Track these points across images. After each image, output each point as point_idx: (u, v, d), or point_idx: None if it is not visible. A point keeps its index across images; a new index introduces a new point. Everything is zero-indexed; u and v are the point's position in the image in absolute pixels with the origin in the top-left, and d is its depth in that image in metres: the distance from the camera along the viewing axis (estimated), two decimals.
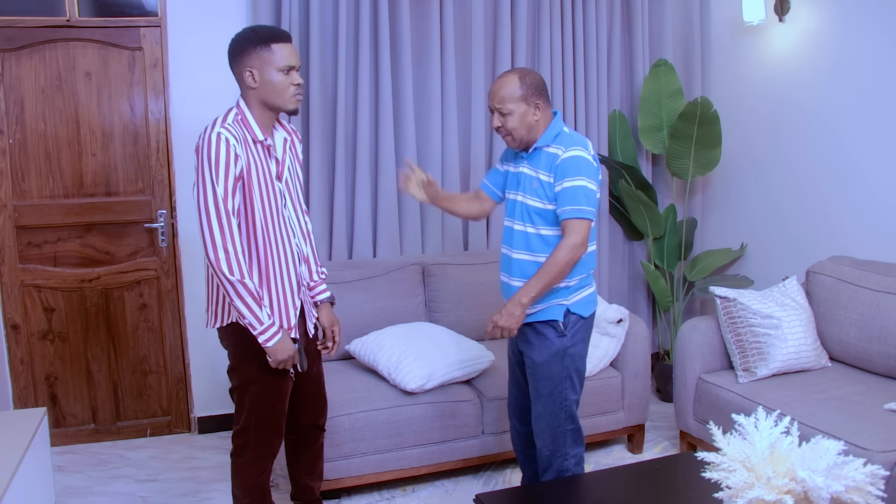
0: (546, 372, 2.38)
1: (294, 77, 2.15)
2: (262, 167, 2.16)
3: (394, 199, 3.60)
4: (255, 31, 2.17)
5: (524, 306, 2.27)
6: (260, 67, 2.12)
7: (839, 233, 3.41)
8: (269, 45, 2.11)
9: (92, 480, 3.16)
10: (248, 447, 2.31)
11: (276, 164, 2.23)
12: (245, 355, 2.23)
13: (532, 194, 2.34)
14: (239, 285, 2.08)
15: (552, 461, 2.44)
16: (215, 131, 2.07)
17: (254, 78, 2.13)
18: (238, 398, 2.31)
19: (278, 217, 2.20)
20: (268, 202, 2.17)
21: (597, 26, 3.89)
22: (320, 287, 2.47)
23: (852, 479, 1.55)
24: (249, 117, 2.16)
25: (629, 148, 4.00)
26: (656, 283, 3.93)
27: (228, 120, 2.12)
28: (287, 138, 2.30)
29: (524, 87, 2.30)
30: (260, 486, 2.36)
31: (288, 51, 2.14)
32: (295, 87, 2.16)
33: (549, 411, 2.40)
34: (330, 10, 3.47)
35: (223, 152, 2.05)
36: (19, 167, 3.30)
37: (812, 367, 3.02)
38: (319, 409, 2.54)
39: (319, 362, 2.52)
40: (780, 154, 3.70)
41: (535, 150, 2.36)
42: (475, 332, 3.40)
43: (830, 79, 3.40)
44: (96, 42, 3.31)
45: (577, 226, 2.24)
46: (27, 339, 3.40)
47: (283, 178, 2.24)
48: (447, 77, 3.65)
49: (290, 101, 2.17)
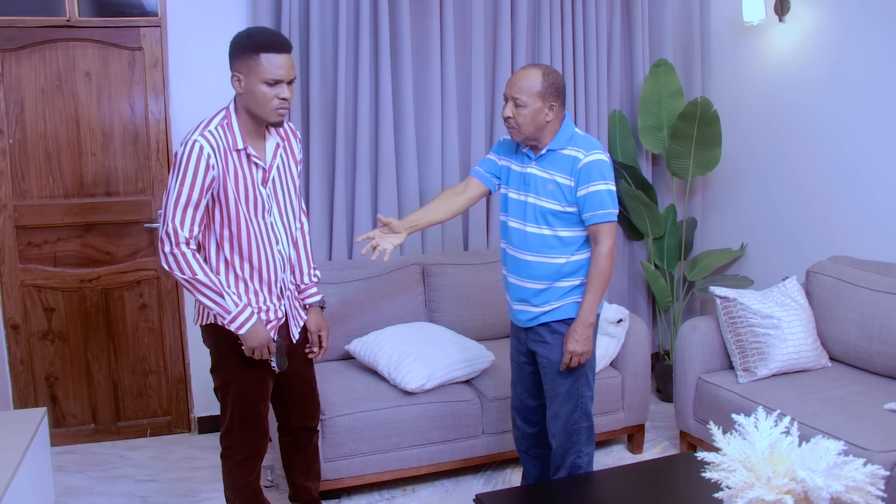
0: (563, 371, 2.39)
1: (280, 90, 2.07)
2: (241, 174, 2.13)
3: (394, 199, 3.60)
4: (249, 35, 2.09)
5: (592, 325, 2.34)
6: (246, 75, 2.06)
7: (839, 233, 3.41)
8: (258, 55, 2.03)
9: (92, 480, 3.16)
10: (234, 448, 2.31)
11: (261, 171, 2.18)
12: (224, 355, 2.25)
13: (549, 196, 2.32)
14: (194, 282, 2.09)
15: (566, 458, 2.45)
16: (192, 138, 2.06)
17: (240, 84, 2.09)
18: (221, 399, 2.32)
19: (260, 223, 2.18)
20: (247, 208, 2.15)
21: (597, 26, 3.89)
22: (311, 290, 2.44)
23: (852, 479, 1.55)
24: (234, 123, 2.12)
25: (629, 148, 4.00)
26: (656, 283, 3.93)
27: (212, 125, 2.10)
28: (280, 143, 2.25)
29: (545, 84, 2.28)
30: (249, 486, 2.36)
31: (278, 62, 2.05)
32: (279, 100, 2.08)
33: (566, 410, 2.42)
34: (330, 10, 3.46)
35: (193, 160, 2.04)
36: (19, 167, 3.30)
37: (812, 367, 3.02)
38: (311, 412, 2.53)
39: (311, 365, 2.50)
40: (780, 154, 3.70)
41: (548, 152, 2.34)
42: (475, 332, 3.40)
43: (830, 79, 3.40)
44: (96, 42, 3.31)
45: (608, 229, 2.31)
46: (27, 339, 3.40)
47: (267, 185, 2.20)
48: (447, 77, 3.65)
49: (271, 113, 2.09)
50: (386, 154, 3.56)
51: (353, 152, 3.56)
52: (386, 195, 3.58)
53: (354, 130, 3.54)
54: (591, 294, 2.32)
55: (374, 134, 3.58)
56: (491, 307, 3.46)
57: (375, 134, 3.58)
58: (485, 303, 3.44)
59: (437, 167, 3.67)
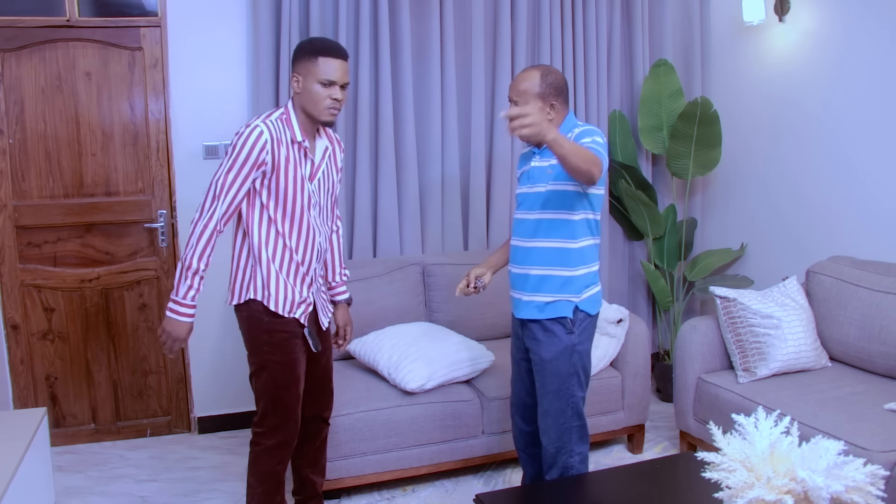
0: (554, 368, 2.39)
1: (333, 91, 2.25)
2: (296, 165, 2.27)
3: (394, 199, 3.60)
4: (311, 42, 2.30)
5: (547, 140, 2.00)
6: (304, 76, 2.25)
7: (839, 233, 3.41)
8: (316, 58, 2.23)
9: (92, 480, 3.16)
10: (265, 435, 2.37)
11: (311, 165, 2.32)
12: (256, 338, 2.33)
13: (547, 180, 2.36)
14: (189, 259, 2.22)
15: (557, 458, 2.45)
16: (254, 124, 2.22)
17: (298, 84, 2.27)
18: (255, 386, 2.38)
19: (304, 214, 2.31)
20: (296, 197, 2.28)
21: (597, 26, 3.89)
22: (340, 288, 2.63)
23: (852, 479, 1.55)
24: (293, 119, 2.29)
25: (629, 148, 4.00)
26: (656, 283, 3.93)
27: (272, 117, 2.26)
28: (328, 147, 2.41)
29: (544, 84, 2.35)
30: (275, 475, 2.41)
31: (334, 66, 2.24)
32: (332, 100, 2.25)
33: (555, 408, 2.42)
34: (330, 10, 3.47)
35: (250, 142, 2.19)
36: (19, 167, 3.30)
37: (812, 367, 3.02)
38: (325, 402, 2.58)
39: (330, 355, 2.58)
40: (780, 154, 3.70)
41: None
42: (475, 332, 3.40)
43: (830, 79, 3.40)
44: (96, 42, 3.31)
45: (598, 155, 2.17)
46: (27, 339, 3.40)
47: (314, 181, 2.33)
48: (447, 77, 3.65)
49: (323, 112, 2.27)
50: (386, 154, 3.56)
51: (352, 152, 3.56)
52: (386, 195, 3.58)
53: (354, 131, 3.54)
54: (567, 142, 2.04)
55: (375, 134, 3.58)
56: (491, 307, 3.46)
57: (376, 134, 3.58)
58: (485, 303, 3.44)
59: (437, 167, 3.67)
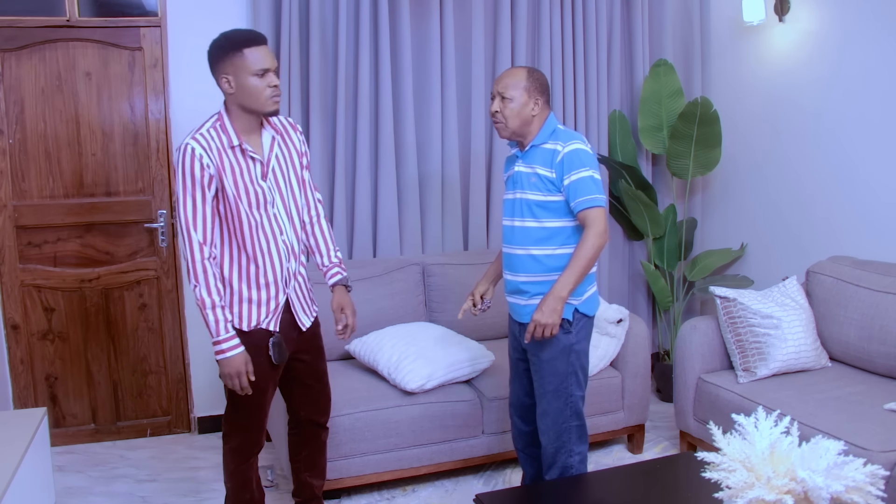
0: (552, 369, 2.39)
1: (270, 79, 2.16)
2: (240, 170, 2.19)
3: (394, 199, 3.60)
4: (226, 37, 2.18)
5: (564, 300, 2.27)
6: (235, 73, 2.14)
7: (839, 233, 3.41)
8: (241, 51, 2.12)
9: (92, 480, 3.16)
10: (229, 434, 2.38)
11: (259, 164, 2.24)
12: None
13: (532, 189, 2.38)
14: (205, 297, 2.15)
15: (556, 458, 2.45)
16: (183, 143, 2.15)
17: (230, 84, 2.16)
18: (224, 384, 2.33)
19: (262, 216, 2.23)
20: (247, 203, 2.20)
21: (597, 26, 3.89)
22: (333, 270, 2.47)
23: (852, 479, 1.55)
24: (227, 123, 2.19)
25: (629, 148, 4.00)
26: (656, 283, 3.93)
27: (204, 128, 2.18)
28: (275, 136, 2.30)
29: (530, 80, 2.39)
30: (240, 473, 2.40)
31: (261, 53, 2.14)
32: (271, 88, 2.17)
33: (554, 408, 2.42)
34: (330, 10, 3.46)
35: (188, 163, 2.13)
36: (19, 167, 3.30)
37: (812, 367, 3.02)
38: (321, 407, 2.54)
39: (323, 359, 2.52)
40: (780, 154, 3.70)
41: (531, 148, 2.41)
42: (475, 332, 3.40)
43: (830, 79, 3.39)
44: (96, 42, 3.31)
45: (596, 214, 2.28)
46: (27, 339, 3.40)
47: (267, 178, 2.25)
48: (447, 77, 3.65)
49: (267, 103, 2.18)
50: (386, 154, 3.56)
51: (352, 152, 3.56)
52: (386, 195, 3.58)
53: (354, 130, 3.54)
54: (570, 270, 2.26)
55: (374, 134, 3.58)
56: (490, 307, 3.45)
57: (375, 134, 3.58)
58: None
59: (437, 167, 3.67)
